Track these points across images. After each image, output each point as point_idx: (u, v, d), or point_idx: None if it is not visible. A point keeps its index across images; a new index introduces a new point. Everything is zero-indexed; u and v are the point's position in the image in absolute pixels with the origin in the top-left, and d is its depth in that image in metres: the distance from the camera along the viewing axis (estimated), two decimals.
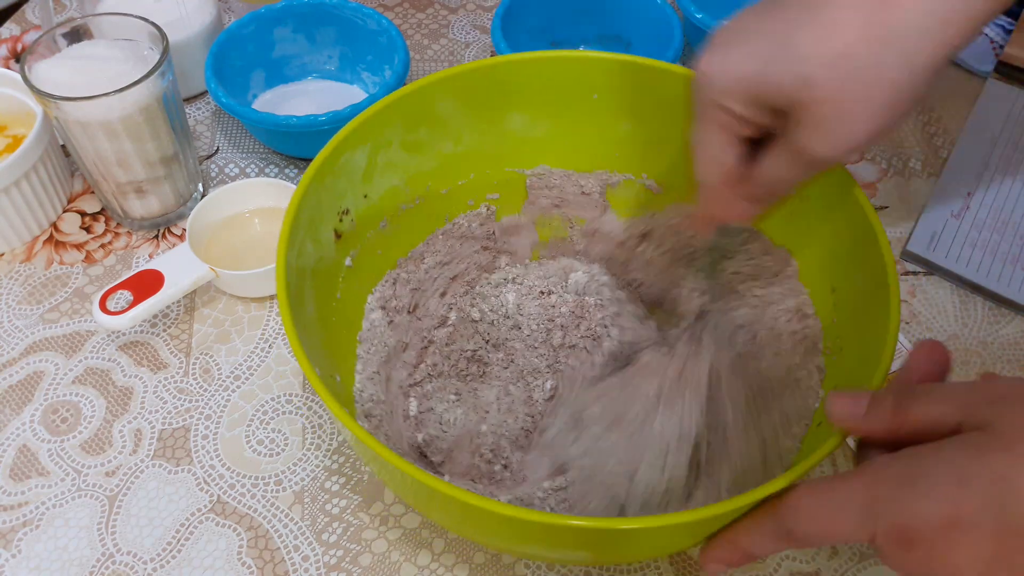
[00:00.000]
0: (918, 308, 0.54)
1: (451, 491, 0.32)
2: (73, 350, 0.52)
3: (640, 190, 0.53)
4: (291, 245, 0.41)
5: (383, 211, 0.49)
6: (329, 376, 0.42)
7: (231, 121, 0.65)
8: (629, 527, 0.33)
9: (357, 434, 0.34)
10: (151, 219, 0.57)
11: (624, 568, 0.44)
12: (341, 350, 0.46)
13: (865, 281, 0.41)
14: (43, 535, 0.45)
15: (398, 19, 0.73)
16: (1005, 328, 0.53)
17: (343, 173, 0.45)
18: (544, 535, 0.35)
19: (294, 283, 0.40)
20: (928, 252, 0.56)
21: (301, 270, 0.42)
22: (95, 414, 0.49)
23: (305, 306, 0.42)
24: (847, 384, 0.40)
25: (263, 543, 0.45)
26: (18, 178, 0.53)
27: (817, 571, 0.44)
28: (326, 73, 0.67)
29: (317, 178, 0.43)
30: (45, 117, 0.54)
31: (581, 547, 0.37)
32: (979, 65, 0.69)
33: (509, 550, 0.41)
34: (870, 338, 0.39)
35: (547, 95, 0.50)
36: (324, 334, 0.45)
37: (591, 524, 0.32)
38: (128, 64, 0.52)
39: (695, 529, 0.35)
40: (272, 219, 0.57)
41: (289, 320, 0.37)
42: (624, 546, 0.37)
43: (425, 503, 0.37)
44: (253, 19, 0.62)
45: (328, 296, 0.46)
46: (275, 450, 0.48)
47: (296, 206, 0.42)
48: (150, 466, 0.47)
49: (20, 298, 0.54)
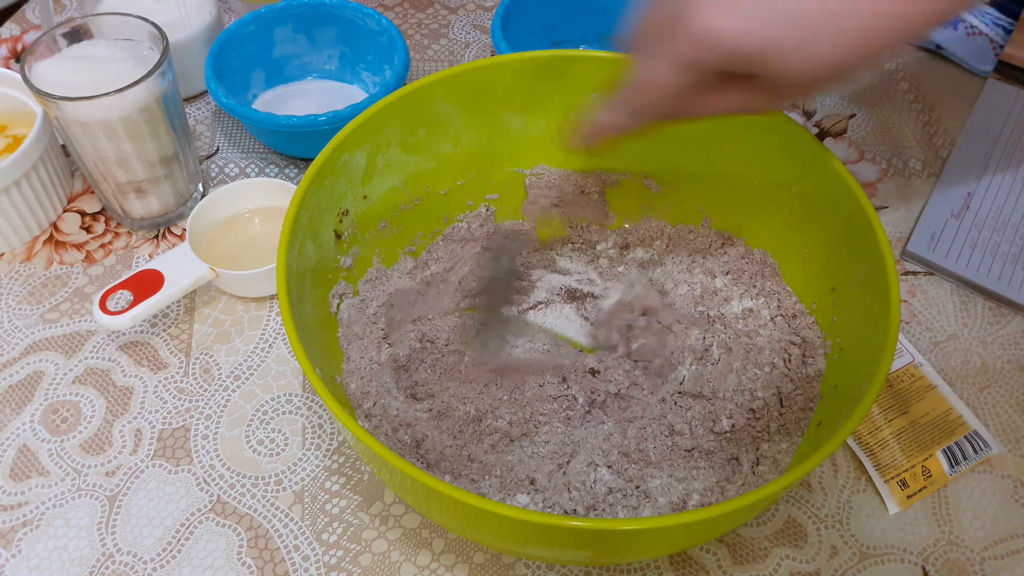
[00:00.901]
0: (918, 308, 0.54)
1: (451, 492, 0.32)
2: (73, 350, 0.52)
3: (639, 189, 0.53)
4: (291, 246, 0.41)
5: (383, 212, 0.49)
6: (329, 376, 0.42)
7: (231, 121, 0.65)
8: (628, 528, 0.33)
9: (357, 434, 0.34)
10: (151, 219, 0.57)
11: (624, 568, 0.44)
12: (341, 350, 0.46)
13: (865, 281, 0.41)
14: (43, 535, 0.45)
15: (398, 19, 0.73)
16: (1005, 328, 0.53)
17: (343, 174, 0.45)
18: (543, 536, 0.35)
19: (295, 284, 0.40)
20: (928, 252, 0.56)
21: (301, 271, 0.42)
22: (95, 414, 0.49)
23: (305, 306, 0.42)
24: (848, 384, 0.41)
25: (263, 543, 0.45)
26: (18, 178, 0.53)
27: (817, 571, 0.44)
28: (326, 73, 0.67)
29: (317, 179, 0.43)
30: (45, 117, 0.54)
31: (580, 547, 0.37)
32: (979, 65, 0.69)
33: (509, 550, 0.41)
34: (870, 338, 0.39)
35: (547, 95, 0.50)
36: (324, 334, 0.45)
37: (590, 525, 0.32)
38: (128, 64, 0.52)
39: (695, 530, 0.35)
40: (272, 219, 0.57)
41: (290, 320, 0.37)
42: (624, 547, 0.37)
43: (425, 503, 0.37)
44: (253, 19, 0.62)
45: (328, 296, 0.46)
46: (275, 450, 0.48)
47: (296, 208, 0.42)
48: (150, 466, 0.47)
49: (20, 298, 0.54)
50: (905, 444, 0.47)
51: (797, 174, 0.46)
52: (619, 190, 0.53)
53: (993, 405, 0.50)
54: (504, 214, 0.54)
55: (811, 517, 0.46)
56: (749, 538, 0.45)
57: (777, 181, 0.47)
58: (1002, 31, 0.70)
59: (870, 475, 0.46)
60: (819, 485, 0.47)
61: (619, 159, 0.52)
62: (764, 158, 0.47)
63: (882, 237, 0.40)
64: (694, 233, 0.52)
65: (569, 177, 0.53)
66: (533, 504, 0.42)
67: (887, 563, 0.44)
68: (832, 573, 0.44)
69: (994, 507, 0.46)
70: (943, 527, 0.45)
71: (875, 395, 0.35)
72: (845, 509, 0.46)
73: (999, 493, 0.46)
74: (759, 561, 0.44)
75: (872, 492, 0.46)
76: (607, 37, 0.68)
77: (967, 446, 0.47)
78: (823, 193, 0.45)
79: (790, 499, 0.46)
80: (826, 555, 0.44)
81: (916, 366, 0.50)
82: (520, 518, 0.32)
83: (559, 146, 0.51)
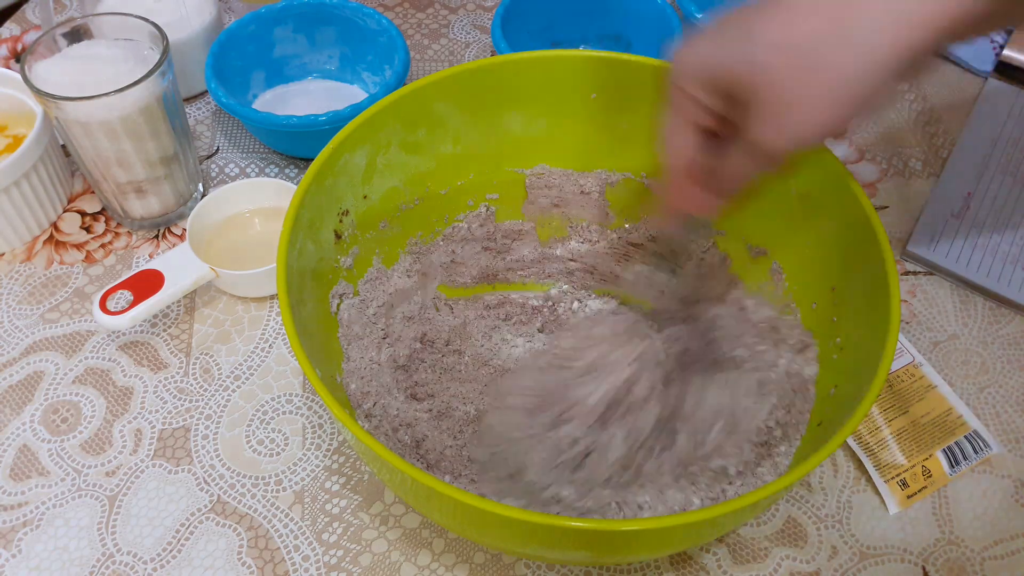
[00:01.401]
0: (918, 308, 0.54)
1: (451, 492, 0.32)
2: (73, 350, 0.52)
3: (639, 189, 0.53)
4: (291, 246, 0.41)
5: (383, 212, 0.49)
6: (329, 376, 0.42)
7: (231, 121, 0.65)
8: (628, 529, 0.33)
9: (357, 434, 0.34)
10: (151, 219, 0.57)
11: (624, 568, 0.44)
12: (341, 350, 0.46)
13: (866, 281, 0.41)
14: (43, 535, 0.45)
15: (398, 19, 0.73)
16: (1005, 328, 0.53)
17: (343, 174, 0.45)
18: (543, 536, 0.35)
19: (295, 283, 0.40)
20: (928, 252, 0.56)
21: (301, 270, 0.42)
22: (95, 414, 0.49)
23: (306, 306, 0.42)
24: (849, 385, 0.41)
25: (263, 543, 0.45)
26: (18, 178, 0.53)
27: (817, 571, 0.44)
28: (326, 73, 0.67)
29: (317, 179, 0.43)
30: (45, 117, 0.54)
31: (580, 548, 0.37)
32: (979, 65, 0.69)
33: (509, 550, 0.41)
34: (870, 338, 0.39)
35: (547, 95, 0.50)
36: (324, 334, 0.45)
37: (590, 526, 0.32)
38: (128, 64, 0.52)
39: (695, 530, 0.35)
40: (272, 219, 0.57)
41: (290, 321, 0.37)
42: (624, 547, 0.37)
43: (425, 503, 0.37)
44: (253, 19, 0.62)
45: (328, 296, 0.46)
46: (275, 450, 0.48)
47: (296, 207, 0.42)
48: (150, 466, 0.47)
49: (20, 298, 0.54)
50: (905, 444, 0.47)
51: (797, 174, 0.46)
52: (619, 190, 0.53)
53: (993, 405, 0.50)
54: (504, 214, 0.54)
55: (811, 517, 0.46)
56: (749, 538, 0.45)
57: (777, 181, 0.47)
58: (1002, 31, 0.70)
59: (870, 475, 0.46)
60: (819, 485, 0.47)
61: (619, 159, 0.52)
62: None
63: (882, 237, 0.40)
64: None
65: (569, 177, 0.53)
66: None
67: (887, 563, 0.44)
68: (832, 573, 0.44)
69: (994, 507, 0.46)
70: (943, 527, 0.45)
71: (875, 395, 0.35)
72: (845, 509, 0.46)
73: (999, 493, 0.47)
74: (759, 561, 0.44)
75: (872, 492, 0.46)
76: (607, 37, 0.68)
77: (967, 446, 0.47)
78: (823, 193, 0.44)
79: (790, 499, 0.46)
80: (826, 555, 0.44)
81: (916, 366, 0.50)
82: (520, 518, 0.32)
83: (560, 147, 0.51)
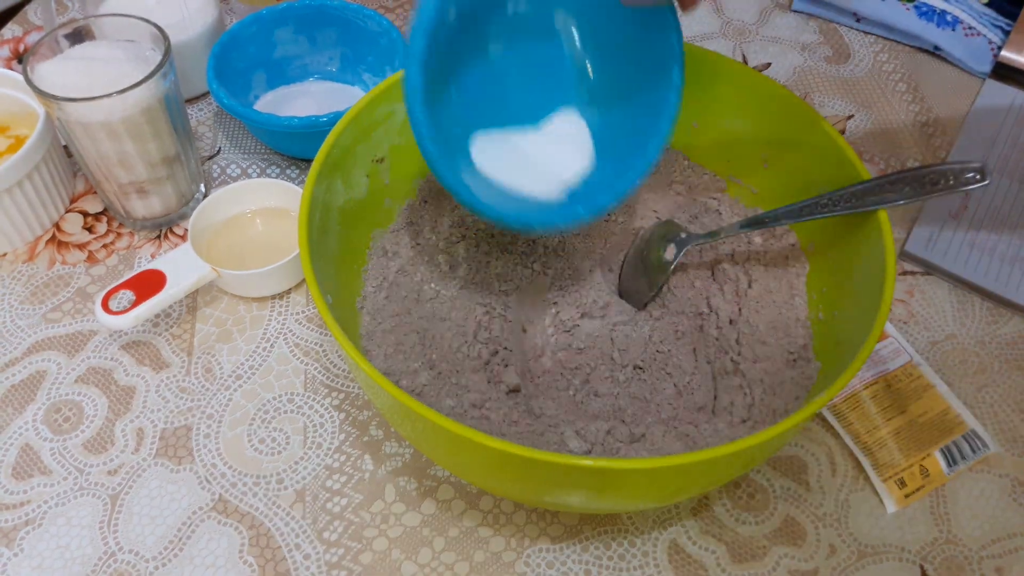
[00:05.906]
0: (916, 308, 0.55)
1: (445, 423, 0.33)
2: (75, 350, 0.52)
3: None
4: (320, 180, 0.43)
5: (418, 161, 0.49)
6: (349, 301, 0.45)
7: (233, 122, 0.66)
8: (638, 467, 0.33)
9: (358, 362, 0.35)
10: (153, 219, 0.58)
11: (624, 567, 0.44)
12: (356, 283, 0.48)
13: (864, 278, 0.42)
14: (45, 534, 0.45)
15: (399, 20, 0.74)
16: (1003, 328, 0.54)
17: (381, 123, 0.48)
18: (543, 474, 0.35)
19: (318, 217, 0.43)
20: (926, 252, 0.56)
21: (327, 205, 0.44)
22: (97, 413, 0.50)
23: (328, 241, 0.44)
24: (845, 343, 0.41)
25: (264, 541, 0.45)
26: (20, 178, 0.54)
27: (815, 570, 0.44)
28: (327, 74, 0.67)
29: (356, 121, 0.46)
30: (47, 118, 0.54)
31: (577, 487, 0.36)
32: (977, 66, 0.69)
33: (507, 492, 0.41)
34: (862, 330, 0.39)
35: None
36: (343, 274, 0.46)
37: (589, 464, 0.33)
38: (130, 65, 0.52)
39: (709, 468, 0.35)
40: (274, 219, 0.57)
41: (306, 250, 0.40)
42: (630, 487, 0.36)
43: (422, 435, 0.38)
44: (255, 20, 0.62)
45: (354, 236, 0.48)
46: (276, 449, 0.48)
47: (332, 142, 0.44)
48: (152, 465, 0.48)
49: (23, 298, 0.55)
50: (903, 443, 0.47)
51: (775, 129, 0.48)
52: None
53: (991, 404, 0.50)
54: None
55: (809, 516, 0.46)
56: (748, 537, 0.45)
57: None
58: (1000, 32, 0.70)
59: (868, 474, 0.47)
60: (817, 484, 0.47)
61: None
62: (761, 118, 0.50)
63: (886, 236, 0.40)
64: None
65: None
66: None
67: (885, 562, 0.44)
68: (830, 572, 0.44)
69: (992, 506, 0.46)
70: (941, 526, 0.46)
71: (875, 339, 0.37)
72: (843, 508, 0.46)
73: (997, 492, 0.47)
74: (758, 560, 0.44)
75: (870, 491, 0.47)
76: None
77: (965, 445, 0.47)
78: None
79: (788, 498, 0.46)
80: (824, 554, 0.45)
81: (914, 365, 0.50)
82: (522, 455, 0.33)
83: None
